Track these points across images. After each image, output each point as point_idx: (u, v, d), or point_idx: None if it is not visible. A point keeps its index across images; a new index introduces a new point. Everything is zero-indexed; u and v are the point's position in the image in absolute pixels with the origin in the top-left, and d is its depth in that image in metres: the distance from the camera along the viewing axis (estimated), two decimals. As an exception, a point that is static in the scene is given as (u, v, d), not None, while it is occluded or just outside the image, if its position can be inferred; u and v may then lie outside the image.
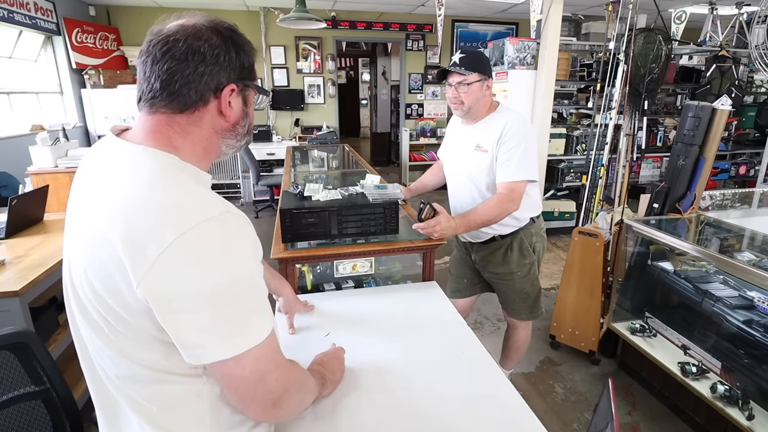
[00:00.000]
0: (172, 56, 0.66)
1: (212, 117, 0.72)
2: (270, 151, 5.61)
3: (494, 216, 1.61)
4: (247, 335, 0.65)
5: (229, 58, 0.70)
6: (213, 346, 0.62)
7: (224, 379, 0.66)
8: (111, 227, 0.60)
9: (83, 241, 0.65)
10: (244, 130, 0.78)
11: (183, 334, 0.62)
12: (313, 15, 3.55)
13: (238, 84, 0.72)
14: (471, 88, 1.63)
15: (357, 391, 1.01)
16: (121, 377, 0.68)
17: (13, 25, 3.88)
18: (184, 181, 0.66)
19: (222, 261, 0.62)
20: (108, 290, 0.62)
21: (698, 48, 4.25)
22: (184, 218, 0.60)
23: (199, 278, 0.60)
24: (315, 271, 1.63)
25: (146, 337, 0.64)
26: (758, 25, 3.61)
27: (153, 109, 0.69)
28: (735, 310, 1.87)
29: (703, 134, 2.21)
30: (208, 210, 0.62)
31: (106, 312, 0.64)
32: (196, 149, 0.71)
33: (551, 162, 4.29)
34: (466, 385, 1.04)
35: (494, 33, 6.54)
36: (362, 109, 11.57)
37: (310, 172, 3.13)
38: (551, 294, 3.20)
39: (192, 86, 0.68)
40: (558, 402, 2.14)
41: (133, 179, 0.64)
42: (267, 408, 0.70)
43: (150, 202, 0.61)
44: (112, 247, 0.60)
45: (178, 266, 0.59)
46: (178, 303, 0.60)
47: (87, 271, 0.64)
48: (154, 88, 0.67)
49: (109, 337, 0.66)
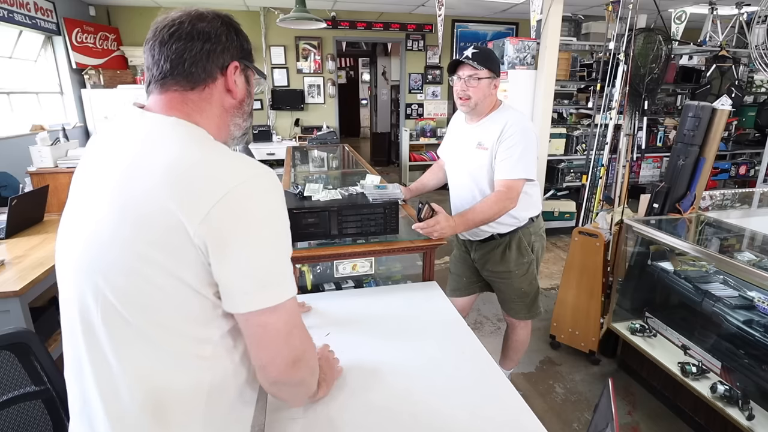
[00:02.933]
0: (179, 37, 0.71)
1: (220, 94, 0.76)
2: (270, 151, 5.61)
3: (492, 214, 1.61)
4: (286, 286, 0.70)
5: (230, 38, 0.75)
6: (259, 293, 0.67)
7: (258, 330, 0.69)
8: (163, 187, 0.63)
9: (117, 209, 0.65)
10: (249, 109, 0.83)
11: (234, 279, 0.66)
12: (313, 15, 3.54)
13: (240, 62, 0.77)
14: (480, 84, 1.63)
15: (356, 390, 1.01)
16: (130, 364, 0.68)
17: (13, 25, 3.88)
18: (221, 147, 0.71)
19: (270, 212, 0.68)
20: (152, 247, 0.63)
21: (698, 48, 4.25)
22: (235, 173, 0.66)
23: (249, 226, 0.65)
24: (315, 271, 1.63)
25: (184, 301, 0.66)
26: (758, 25, 3.61)
27: (164, 89, 0.72)
28: (735, 310, 1.87)
29: (703, 134, 2.21)
30: (254, 167, 0.68)
31: (135, 282, 0.65)
32: (210, 126, 0.74)
33: (551, 162, 4.29)
34: (465, 385, 1.04)
35: (494, 33, 6.54)
36: (362, 109, 11.57)
37: (310, 172, 3.12)
38: (551, 294, 3.20)
39: (200, 64, 0.72)
40: (558, 402, 2.14)
41: (179, 143, 0.68)
42: (288, 365, 0.72)
43: (201, 161, 0.66)
44: (163, 205, 0.62)
45: (231, 215, 0.63)
46: (232, 248, 0.64)
47: (118, 239, 0.64)
48: (164, 69, 0.71)
49: (127, 320, 0.66)
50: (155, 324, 0.67)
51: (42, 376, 1.00)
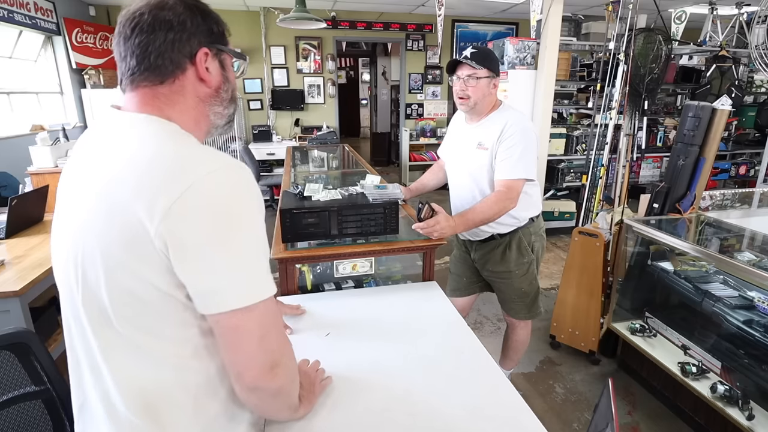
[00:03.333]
0: (140, 30, 0.68)
1: (193, 85, 0.73)
2: (270, 151, 5.61)
3: (492, 214, 1.61)
4: (260, 285, 0.67)
5: (196, 22, 0.71)
6: (228, 293, 0.64)
7: (230, 334, 0.66)
8: (124, 186, 0.62)
9: (89, 209, 0.65)
10: (228, 95, 0.78)
11: (200, 280, 0.63)
12: (313, 15, 3.54)
13: (210, 48, 0.73)
14: (479, 83, 1.64)
15: (356, 390, 1.01)
16: (116, 369, 0.68)
17: (13, 25, 3.88)
18: (190, 141, 0.69)
19: (238, 207, 0.65)
20: (121, 250, 0.62)
21: (698, 48, 4.25)
22: (194, 168, 0.62)
23: (213, 223, 0.62)
24: (315, 271, 1.63)
25: (158, 304, 0.65)
26: (758, 25, 3.61)
27: (134, 85, 0.70)
28: (735, 310, 1.87)
29: (703, 134, 2.21)
30: (216, 161, 0.65)
31: (116, 285, 0.64)
32: (186, 120, 0.72)
33: (551, 162, 4.29)
34: (466, 385, 1.04)
35: (494, 33, 6.54)
36: (362, 109, 11.57)
37: (310, 172, 3.12)
38: (551, 294, 3.20)
39: (166, 56, 0.69)
40: (558, 402, 2.14)
41: (141, 139, 0.66)
42: (265, 370, 0.69)
43: (160, 156, 0.63)
44: (125, 205, 0.61)
45: (191, 212, 0.61)
46: (194, 248, 0.62)
47: (94, 237, 0.64)
48: (131, 65, 0.69)
49: (109, 323, 0.66)
50: (134, 326, 0.66)
51: (42, 376, 1.00)
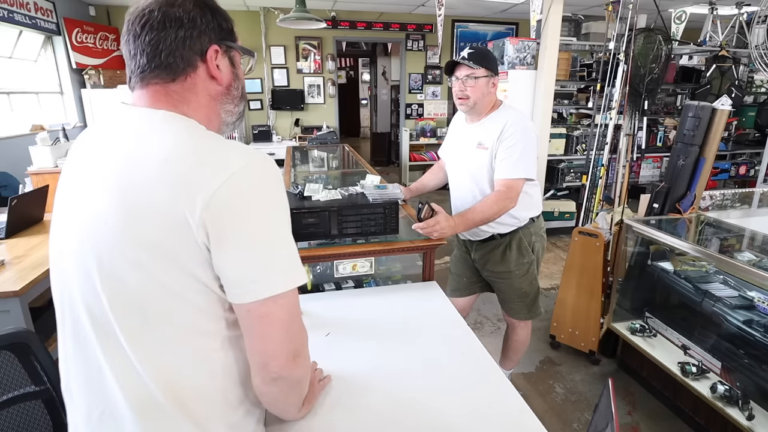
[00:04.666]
0: (150, 27, 0.68)
1: (204, 82, 0.73)
2: (270, 151, 5.60)
3: (492, 214, 1.61)
4: (295, 272, 0.69)
5: (206, 20, 0.71)
6: (265, 280, 0.65)
7: (261, 322, 0.67)
8: (160, 180, 0.62)
9: (114, 207, 0.64)
10: (239, 93, 0.79)
11: (238, 269, 0.64)
12: (313, 15, 3.54)
13: (221, 45, 0.74)
14: (478, 83, 1.64)
15: (356, 390, 1.01)
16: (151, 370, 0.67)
17: (13, 25, 3.88)
18: (215, 135, 0.70)
19: (273, 197, 0.67)
20: (155, 243, 0.62)
21: (698, 48, 4.25)
22: (229, 161, 0.64)
23: (252, 212, 0.64)
24: (315, 271, 1.63)
25: (193, 297, 0.66)
26: (758, 25, 3.61)
27: (144, 83, 0.70)
28: (735, 310, 1.87)
29: (703, 134, 2.21)
30: (248, 154, 0.67)
31: (143, 280, 0.64)
32: (199, 117, 0.72)
33: (551, 162, 4.29)
34: (465, 385, 1.04)
35: (494, 33, 6.54)
36: (362, 109, 11.57)
37: (310, 172, 3.12)
38: (551, 294, 3.20)
39: (177, 53, 0.69)
40: (558, 402, 2.14)
41: (170, 134, 0.66)
42: (289, 359, 0.70)
43: (197, 150, 0.65)
44: (162, 198, 0.62)
45: (231, 202, 0.62)
46: (234, 237, 0.63)
47: (123, 235, 0.63)
48: (142, 63, 0.69)
49: (139, 316, 0.65)
50: (169, 322, 0.66)
51: (42, 376, 1.00)
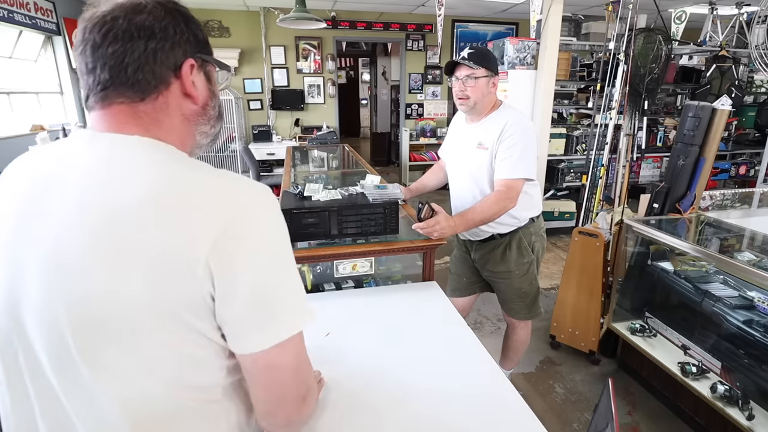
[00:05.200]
0: (115, 37, 0.57)
1: (178, 101, 0.63)
2: (270, 151, 5.61)
3: (492, 214, 1.62)
4: (299, 315, 0.62)
5: (180, 30, 0.61)
6: (271, 327, 0.59)
7: (266, 371, 0.60)
8: (149, 220, 0.53)
9: (82, 252, 0.53)
10: (215, 112, 0.69)
11: (242, 317, 0.57)
12: (313, 15, 3.54)
13: (196, 59, 0.64)
14: (478, 83, 1.64)
15: (356, 390, 1.01)
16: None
17: (13, 25, 3.87)
18: (203, 165, 0.61)
19: (277, 232, 0.61)
20: (143, 298, 0.53)
21: (698, 48, 4.25)
22: (228, 197, 0.57)
23: (259, 251, 0.58)
24: (315, 271, 1.63)
25: (194, 351, 0.58)
26: (758, 25, 3.61)
27: (107, 102, 0.59)
28: (735, 310, 1.87)
29: (703, 134, 2.21)
30: (250, 185, 0.60)
31: (121, 326, 0.54)
32: (173, 141, 0.62)
33: (551, 162, 4.29)
34: (466, 384, 1.04)
35: (494, 33, 6.54)
36: (362, 109, 11.56)
37: (310, 172, 3.12)
38: (551, 294, 3.20)
39: (147, 68, 0.59)
40: (558, 402, 2.14)
41: (154, 166, 0.57)
42: (298, 404, 0.64)
43: (191, 185, 0.57)
44: (152, 242, 0.53)
45: (239, 241, 0.56)
46: (241, 277, 0.56)
47: (106, 288, 0.53)
48: (103, 79, 0.58)
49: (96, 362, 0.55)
50: (162, 378, 0.57)
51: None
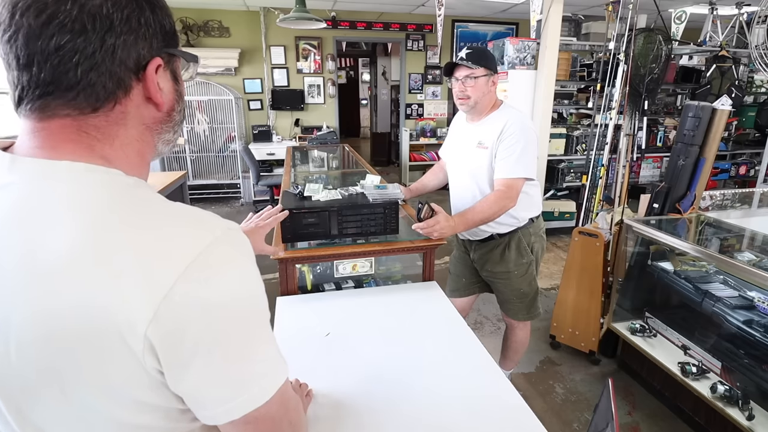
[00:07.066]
0: (60, 27, 0.43)
1: (139, 108, 0.51)
2: (270, 151, 5.61)
3: (492, 213, 1.62)
4: (274, 375, 0.52)
5: (145, 19, 0.48)
6: (243, 397, 0.48)
7: (250, 428, 0.51)
8: (73, 280, 0.43)
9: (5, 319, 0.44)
10: (180, 117, 0.57)
11: (204, 391, 0.48)
12: (313, 15, 3.54)
13: (163, 56, 0.51)
14: (477, 83, 1.64)
15: (356, 391, 1.01)
16: None
17: (13, 25, 3.88)
18: (150, 199, 0.49)
19: (243, 289, 0.49)
20: (78, 376, 0.45)
21: (698, 48, 4.25)
22: (183, 245, 0.45)
23: (220, 315, 0.46)
24: (315, 271, 1.63)
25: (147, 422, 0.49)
26: (758, 25, 3.61)
27: (47, 113, 0.47)
28: (735, 310, 1.87)
29: (703, 134, 2.21)
30: (208, 227, 0.48)
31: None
32: (129, 156, 0.51)
33: (551, 162, 4.29)
34: (466, 385, 1.04)
35: (494, 33, 6.54)
36: (362, 109, 11.56)
37: (310, 172, 3.12)
38: (551, 294, 3.20)
39: (102, 69, 0.46)
40: (558, 402, 2.14)
41: (83, 208, 0.45)
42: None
43: (127, 233, 0.44)
44: (80, 309, 0.43)
45: (191, 312, 0.44)
46: (197, 352, 0.45)
47: (24, 339, 0.44)
48: (43, 81, 0.45)
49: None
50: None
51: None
